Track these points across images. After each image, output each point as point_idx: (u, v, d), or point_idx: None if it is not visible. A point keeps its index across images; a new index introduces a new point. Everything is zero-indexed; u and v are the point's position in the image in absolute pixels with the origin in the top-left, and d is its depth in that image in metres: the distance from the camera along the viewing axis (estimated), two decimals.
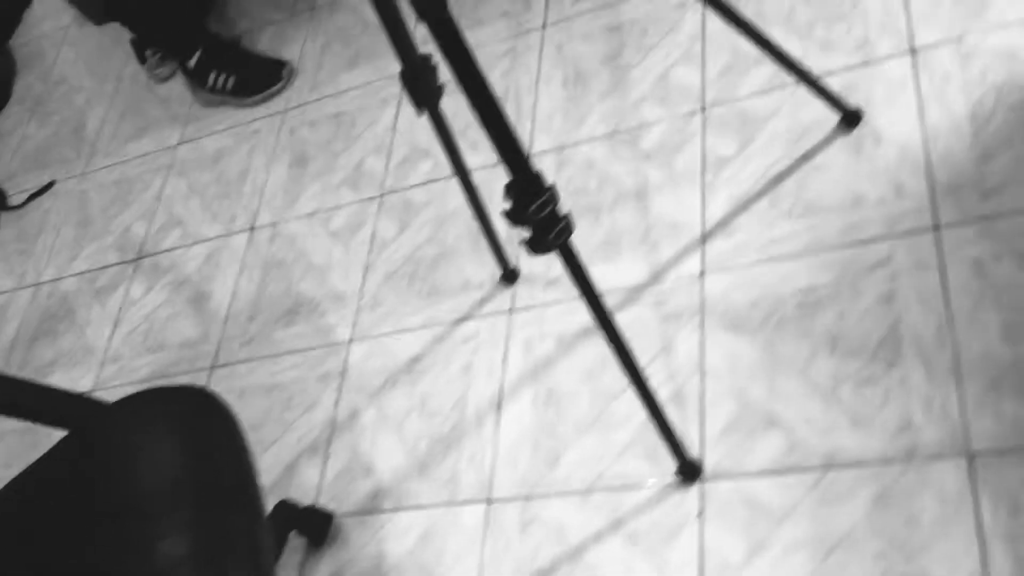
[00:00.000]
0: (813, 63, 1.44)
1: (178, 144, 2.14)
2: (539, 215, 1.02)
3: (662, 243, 1.43)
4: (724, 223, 1.40)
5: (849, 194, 1.31)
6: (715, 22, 1.58)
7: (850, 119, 1.36)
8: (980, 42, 1.32)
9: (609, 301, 1.41)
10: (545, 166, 1.61)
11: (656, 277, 1.41)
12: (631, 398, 1.31)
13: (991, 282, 1.16)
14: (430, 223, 1.68)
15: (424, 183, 1.74)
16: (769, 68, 1.47)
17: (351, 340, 1.63)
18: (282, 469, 1.55)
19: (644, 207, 1.48)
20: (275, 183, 1.93)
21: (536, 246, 1.05)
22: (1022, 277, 1.15)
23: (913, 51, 1.37)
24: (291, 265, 1.79)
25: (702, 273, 1.37)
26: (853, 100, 1.37)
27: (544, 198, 1.02)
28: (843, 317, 1.24)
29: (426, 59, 1.18)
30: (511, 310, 1.50)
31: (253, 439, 1.61)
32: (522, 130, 1.68)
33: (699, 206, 1.43)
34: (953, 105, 1.29)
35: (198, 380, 1.75)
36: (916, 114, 1.32)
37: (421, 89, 1.20)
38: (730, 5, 1.19)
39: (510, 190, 1.03)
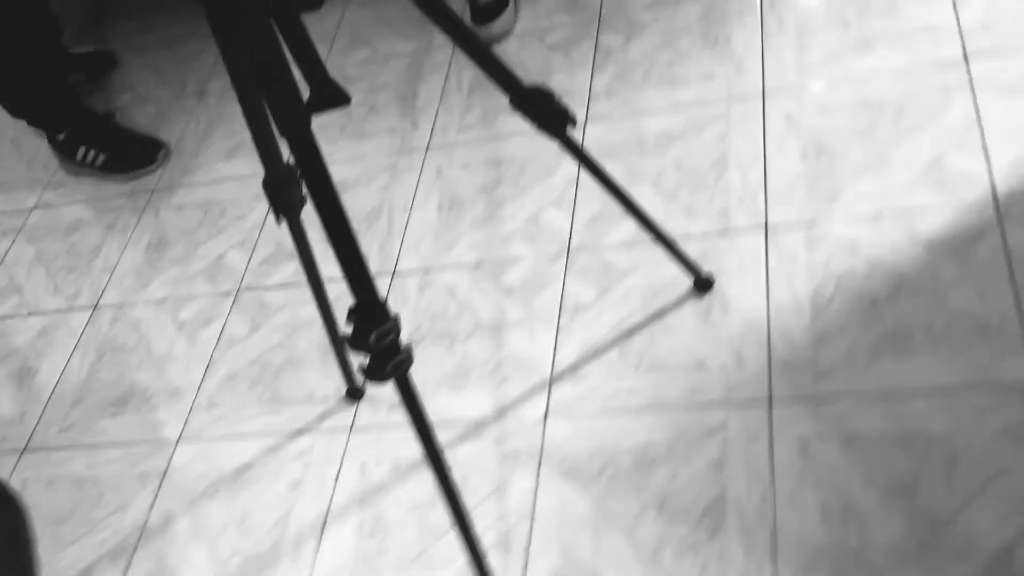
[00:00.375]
0: (675, 225, 1.49)
1: (33, 208, 2.04)
2: (379, 344, 1.00)
3: (511, 380, 1.42)
4: (573, 368, 1.40)
5: (694, 357, 1.34)
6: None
7: (702, 285, 1.40)
8: (827, 230, 1.39)
9: (450, 433, 1.39)
10: (408, 287, 1.60)
11: (500, 414, 1.39)
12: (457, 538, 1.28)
13: (815, 463, 1.19)
14: (282, 328, 1.64)
15: (283, 285, 1.69)
16: (635, 223, 1.52)
17: (179, 439, 1.54)
18: (78, 573, 1.43)
19: (498, 341, 1.48)
20: (128, 264, 1.85)
21: (373, 374, 1.03)
22: (843, 462, 1.18)
23: (767, 229, 1.43)
24: (130, 351, 1.70)
25: (546, 416, 1.37)
26: (707, 267, 1.42)
27: (385, 327, 1.00)
28: (674, 479, 1.24)
29: (291, 169, 1.16)
30: (351, 429, 1.45)
31: (53, 535, 1.49)
32: (391, 247, 1.67)
33: (551, 348, 1.44)
34: (797, 286, 1.35)
35: (6, 462, 1.62)
36: (763, 289, 1.37)
37: (282, 198, 1.18)
38: (600, 166, 1.22)
39: (353, 314, 1.01)
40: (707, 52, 1.71)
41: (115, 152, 1.99)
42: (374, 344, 1.00)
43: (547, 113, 1.14)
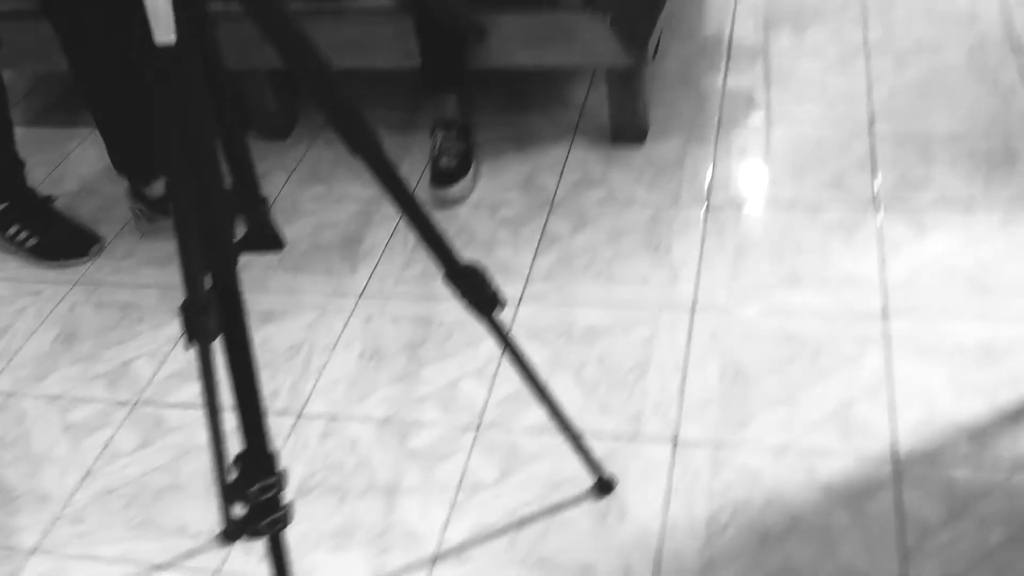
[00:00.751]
0: (588, 419, 1.49)
1: None
2: (259, 497, 0.97)
3: (394, 549, 1.37)
4: (460, 550, 1.36)
5: (582, 560, 1.31)
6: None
7: (603, 486, 1.39)
8: (733, 455, 1.41)
9: None
10: (311, 430, 1.56)
11: None
12: None
13: None
14: (172, 449, 1.57)
15: (184, 405, 1.64)
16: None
17: (33, 551, 1.44)
18: None
19: (390, 505, 1.43)
20: (31, 352, 1.78)
21: (247, 527, 0.99)
22: None
23: (675, 441, 1.44)
24: (6, 445, 1.61)
25: None
26: (612, 468, 1.41)
27: (269, 481, 0.97)
28: None
29: (211, 297, 1.14)
30: (216, 573, 1.38)
31: None
32: (303, 387, 1.64)
33: (442, 523, 1.40)
34: (695, 506, 1.35)
35: None
36: (662, 502, 1.36)
37: (197, 325, 1.15)
38: (521, 352, 1.23)
39: (239, 461, 0.98)
40: (647, 256, 1.77)
41: (47, 238, 1.95)
42: (254, 496, 0.97)
43: (477, 293, 1.15)
